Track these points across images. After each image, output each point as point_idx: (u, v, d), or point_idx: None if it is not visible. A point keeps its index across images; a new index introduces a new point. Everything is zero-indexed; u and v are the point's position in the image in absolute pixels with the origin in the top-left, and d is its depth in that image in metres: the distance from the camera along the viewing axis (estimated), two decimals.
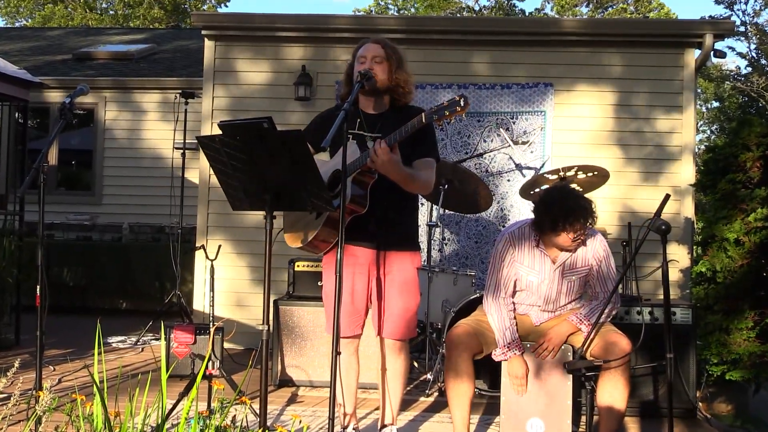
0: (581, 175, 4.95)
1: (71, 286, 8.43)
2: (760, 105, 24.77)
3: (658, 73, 6.41)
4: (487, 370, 4.36)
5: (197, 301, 6.58)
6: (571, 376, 3.44)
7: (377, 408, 3.99)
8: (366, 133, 3.33)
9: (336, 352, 2.83)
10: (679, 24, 7.74)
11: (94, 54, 11.70)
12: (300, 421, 3.73)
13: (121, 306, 8.56)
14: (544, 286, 3.53)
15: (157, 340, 6.51)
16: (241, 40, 6.77)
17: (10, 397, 2.57)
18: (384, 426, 3.49)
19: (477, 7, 30.01)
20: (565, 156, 6.18)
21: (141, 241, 8.62)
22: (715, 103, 29.26)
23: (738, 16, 25.54)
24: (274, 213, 2.97)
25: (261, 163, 2.85)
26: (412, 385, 4.93)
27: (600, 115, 6.42)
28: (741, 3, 26.59)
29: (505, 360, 3.50)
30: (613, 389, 3.38)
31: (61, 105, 3.58)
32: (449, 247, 6.38)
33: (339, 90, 4.26)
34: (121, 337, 6.59)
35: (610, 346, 3.40)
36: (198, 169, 6.83)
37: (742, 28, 25.26)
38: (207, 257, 4.88)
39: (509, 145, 6.30)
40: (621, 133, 6.40)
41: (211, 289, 4.58)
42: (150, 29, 20.24)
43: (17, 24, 25.94)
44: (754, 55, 26.20)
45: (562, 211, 3.33)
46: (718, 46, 6.44)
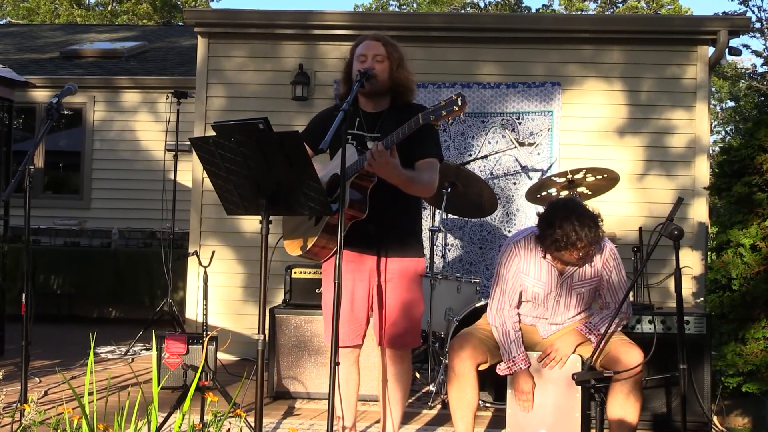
0: (590, 178, 4.95)
1: (58, 293, 8.44)
2: None
3: (671, 72, 6.42)
4: (492, 381, 4.35)
5: (190, 310, 6.58)
6: (580, 388, 3.43)
7: (378, 421, 3.99)
8: (365, 133, 3.34)
9: (335, 362, 2.82)
10: (692, 20, 7.75)
11: (82, 52, 11.72)
12: None
13: (111, 315, 8.56)
14: (551, 298, 3.53)
15: (148, 350, 6.51)
16: (235, 37, 6.78)
17: None
18: None
19: (482, 4, 30.05)
20: (574, 158, 6.18)
21: (131, 247, 8.62)
22: (730, 103, 29.27)
23: (753, 12, 25.56)
24: (271, 218, 2.97)
25: (256, 166, 2.86)
26: (414, 397, 4.93)
27: (610, 116, 6.43)
28: None
29: (509, 374, 3.50)
30: (624, 402, 3.37)
31: (48, 105, 3.59)
32: (452, 253, 6.38)
33: (338, 89, 4.26)
34: (110, 348, 6.59)
35: (621, 356, 3.39)
36: (191, 171, 6.84)
37: (758, 25, 25.29)
38: (200, 264, 4.87)
39: (515, 146, 6.31)
40: (631, 134, 6.40)
41: (205, 297, 4.58)
42: (140, 26, 20.28)
43: (0, 21, 25.98)
44: None
45: (564, 234, 3.29)
46: (733, 43, 6.46)
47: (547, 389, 3.47)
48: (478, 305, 4.63)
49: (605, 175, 4.98)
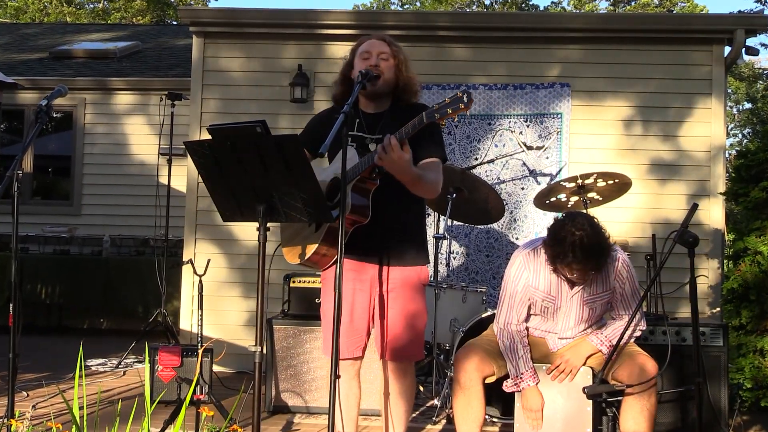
0: (601, 183, 4.95)
1: (47, 303, 8.43)
2: None
3: (685, 72, 6.42)
4: (500, 394, 4.33)
5: (184, 320, 6.58)
6: (591, 401, 3.43)
7: None
8: (366, 135, 3.34)
9: (335, 375, 2.82)
10: (708, 19, 7.77)
11: (72, 52, 11.75)
12: None
13: (102, 325, 8.55)
14: (560, 312, 3.52)
15: (140, 362, 6.50)
16: (232, 37, 6.80)
17: None
18: None
19: (488, 1, 30.11)
20: (584, 162, 6.18)
21: (123, 255, 8.62)
22: (747, 104, 29.28)
23: None
24: (269, 225, 2.97)
25: (254, 171, 2.86)
26: (417, 412, 4.92)
27: (621, 118, 6.43)
28: None
29: (517, 391, 3.49)
30: (638, 416, 3.36)
31: (37, 107, 3.60)
32: (457, 261, 6.38)
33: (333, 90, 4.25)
34: (101, 360, 6.59)
35: (634, 368, 3.39)
36: (185, 176, 6.84)
37: None
38: (195, 272, 4.88)
39: (523, 150, 6.31)
40: (644, 137, 6.40)
41: (200, 307, 4.58)
42: (133, 25, 20.34)
43: None
44: None
45: (562, 252, 3.28)
46: (750, 42, 6.48)
47: (556, 403, 3.47)
48: (484, 316, 4.62)
49: (617, 180, 4.98)
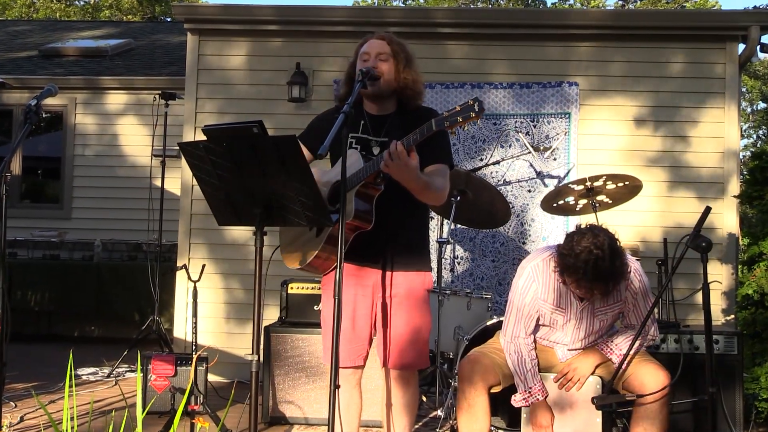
0: (610, 186, 4.95)
1: (36, 310, 8.43)
2: None
3: (697, 70, 6.42)
4: (506, 405, 4.33)
5: (178, 328, 6.58)
6: (600, 412, 3.43)
7: None
8: (371, 137, 3.34)
9: (335, 385, 2.82)
10: (721, 15, 7.77)
11: (62, 50, 11.76)
12: None
13: (93, 333, 8.55)
14: (570, 325, 3.52)
15: (133, 371, 6.50)
16: (228, 34, 6.81)
17: None
18: None
19: None
20: (593, 164, 6.18)
21: (115, 261, 8.63)
22: (762, 104, 29.28)
23: None
24: (267, 229, 2.97)
25: (250, 173, 2.86)
26: (420, 423, 4.92)
27: (631, 118, 6.43)
28: None
29: (526, 406, 3.49)
30: (649, 428, 3.36)
31: (26, 107, 3.60)
32: (462, 267, 6.38)
33: (338, 90, 4.27)
34: (92, 369, 6.59)
35: (645, 378, 3.38)
36: (179, 179, 6.85)
37: None
38: (189, 278, 4.89)
39: (529, 151, 6.31)
40: (655, 137, 6.41)
41: (194, 314, 4.59)
42: (125, 22, 20.35)
43: None
44: None
45: (576, 274, 3.27)
46: (766, 39, 6.45)
47: (564, 414, 3.47)
48: (489, 323, 4.63)
49: (627, 183, 4.98)
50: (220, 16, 6.89)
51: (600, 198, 4.99)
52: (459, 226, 6.10)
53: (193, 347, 4.56)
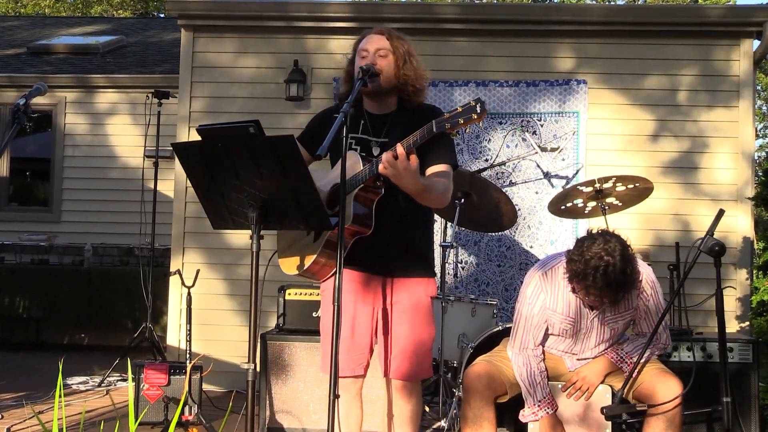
0: (620, 187, 4.95)
1: (25, 317, 8.44)
2: None
3: (711, 68, 6.42)
4: (512, 414, 4.33)
5: (171, 336, 6.58)
6: (610, 423, 3.42)
7: None
8: (371, 138, 3.34)
9: (334, 395, 2.82)
10: (735, 11, 7.77)
11: (52, 47, 11.77)
12: None
13: (83, 341, 8.57)
14: (580, 335, 3.52)
15: (124, 380, 6.50)
16: (223, 30, 6.82)
17: None
18: None
19: None
20: (602, 164, 6.18)
21: (106, 266, 8.64)
22: None
23: None
24: (263, 233, 2.97)
25: (247, 175, 2.86)
26: None
27: (642, 117, 6.43)
28: None
29: (535, 421, 3.48)
30: None
31: (14, 106, 3.59)
32: (466, 272, 6.38)
33: (337, 89, 4.27)
34: (82, 378, 6.59)
35: (657, 387, 3.38)
36: (173, 180, 6.85)
37: None
38: (183, 284, 4.89)
39: (536, 151, 6.31)
40: (666, 137, 6.40)
41: (188, 320, 4.59)
42: (117, 18, 20.40)
43: None
44: None
45: (586, 281, 3.27)
46: None
47: (573, 424, 3.46)
48: (495, 330, 4.62)
49: (637, 184, 4.98)
50: (215, 12, 6.89)
51: (609, 200, 4.99)
52: (463, 230, 6.10)
53: (188, 355, 4.57)
